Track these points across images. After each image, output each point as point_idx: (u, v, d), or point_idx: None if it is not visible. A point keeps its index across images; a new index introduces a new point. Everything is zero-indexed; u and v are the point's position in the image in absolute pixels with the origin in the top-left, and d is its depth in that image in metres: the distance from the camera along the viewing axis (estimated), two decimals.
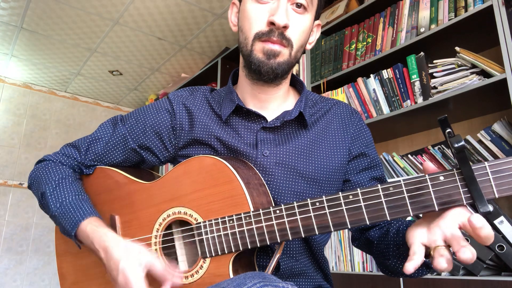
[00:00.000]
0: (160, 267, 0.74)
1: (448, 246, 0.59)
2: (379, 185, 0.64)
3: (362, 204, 0.65)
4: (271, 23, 0.82)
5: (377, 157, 0.96)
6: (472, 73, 1.63)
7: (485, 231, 0.55)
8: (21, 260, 3.66)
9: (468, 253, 0.55)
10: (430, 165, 0.65)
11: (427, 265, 0.73)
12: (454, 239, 0.57)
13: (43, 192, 0.90)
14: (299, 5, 0.85)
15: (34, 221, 3.79)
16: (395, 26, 1.95)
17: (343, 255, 1.97)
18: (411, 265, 0.58)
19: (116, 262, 0.74)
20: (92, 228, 0.82)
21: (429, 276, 1.57)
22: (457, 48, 1.67)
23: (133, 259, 0.74)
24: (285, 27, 0.82)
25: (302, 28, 0.86)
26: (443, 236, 0.59)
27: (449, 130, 0.60)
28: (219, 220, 0.75)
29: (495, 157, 1.62)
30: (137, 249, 0.76)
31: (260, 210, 0.72)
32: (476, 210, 0.58)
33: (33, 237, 3.75)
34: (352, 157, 0.93)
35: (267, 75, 0.85)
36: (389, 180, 1.09)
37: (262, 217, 0.71)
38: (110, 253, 0.76)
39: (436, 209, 0.61)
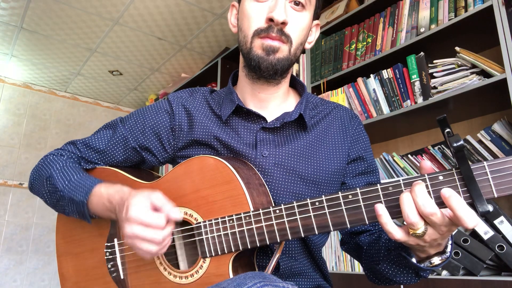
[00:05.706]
0: (161, 199, 0.72)
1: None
2: (378, 185, 0.64)
3: (362, 204, 0.65)
4: (270, 20, 0.82)
5: (374, 163, 0.96)
6: (472, 73, 1.63)
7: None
8: (21, 260, 3.66)
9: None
10: (427, 164, 0.65)
11: (416, 273, 0.73)
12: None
13: (48, 176, 0.90)
14: (297, 3, 0.85)
15: (34, 221, 3.79)
16: (395, 26, 1.95)
17: (343, 255, 1.97)
18: (381, 206, 0.62)
19: (128, 200, 0.72)
20: (108, 186, 0.83)
21: (429, 276, 1.57)
22: (457, 48, 1.67)
23: (142, 194, 0.72)
24: (284, 23, 0.83)
25: (301, 25, 0.87)
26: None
27: (448, 129, 0.60)
28: (219, 220, 0.75)
29: (495, 157, 1.62)
30: (150, 191, 0.74)
31: (260, 210, 0.72)
32: (475, 209, 0.58)
33: (33, 237, 3.76)
34: (350, 160, 0.93)
35: (267, 71, 0.85)
36: (388, 180, 1.10)
37: (262, 217, 0.71)
38: (126, 198, 0.75)
39: None
